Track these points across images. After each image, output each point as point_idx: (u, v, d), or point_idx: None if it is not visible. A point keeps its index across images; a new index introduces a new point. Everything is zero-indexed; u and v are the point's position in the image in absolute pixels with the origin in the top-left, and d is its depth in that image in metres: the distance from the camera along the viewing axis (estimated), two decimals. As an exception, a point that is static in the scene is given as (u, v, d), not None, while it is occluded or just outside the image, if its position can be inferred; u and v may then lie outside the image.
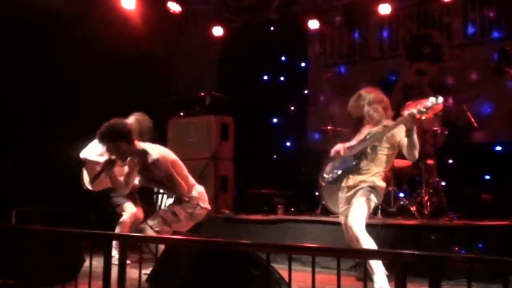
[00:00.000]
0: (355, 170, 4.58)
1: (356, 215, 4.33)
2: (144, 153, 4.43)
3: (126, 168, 4.54)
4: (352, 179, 4.57)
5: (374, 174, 4.52)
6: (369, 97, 4.74)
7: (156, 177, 4.48)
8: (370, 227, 5.74)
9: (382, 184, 4.54)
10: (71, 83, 7.53)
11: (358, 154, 4.62)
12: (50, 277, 3.48)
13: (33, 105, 7.31)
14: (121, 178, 4.54)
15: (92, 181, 4.66)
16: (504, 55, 7.34)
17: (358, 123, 4.91)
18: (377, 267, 4.07)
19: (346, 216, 4.46)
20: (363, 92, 4.81)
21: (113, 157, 4.42)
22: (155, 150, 4.48)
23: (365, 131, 4.74)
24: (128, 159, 4.50)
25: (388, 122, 4.57)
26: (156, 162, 4.37)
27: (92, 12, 7.50)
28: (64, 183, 6.54)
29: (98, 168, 4.56)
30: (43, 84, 7.42)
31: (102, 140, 4.38)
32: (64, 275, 3.55)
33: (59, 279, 3.45)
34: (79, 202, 6.32)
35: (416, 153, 4.30)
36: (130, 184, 4.56)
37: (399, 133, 4.43)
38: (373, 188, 4.44)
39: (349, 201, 4.54)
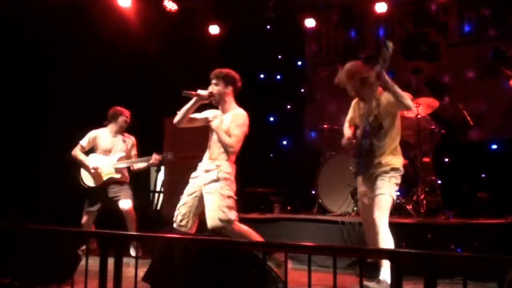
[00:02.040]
0: (370, 151, 4.53)
1: (381, 208, 4.35)
2: (235, 107, 4.74)
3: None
4: (368, 161, 4.53)
5: (389, 152, 4.49)
6: (342, 74, 4.87)
7: (227, 129, 4.61)
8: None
9: (399, 161, 4.52)
10: (67, 81, 7.51)
11: (366, 134, 4.59)
12: (46, 276, 3.47)
13: (30, 103, 7.29)
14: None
15: (182, 115, 4.70)
16: (499, 54, 7.36)
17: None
18: (385, 261, 4.09)
19: (369, 199, 4.50)
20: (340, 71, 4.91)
21: (206, 92, 4.64)
22: (244, 113, 4.72)
23: (358, 107, 4.74)
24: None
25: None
26: (242, 113, 4.66)
27: (88, 10, 7.48)
28: (61, 181, 6.53)
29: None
30: (39, 82, 7.40)
31: (218, 76, 4.67)
32: (60, 274, 3.54)
33: (55, 278, 3.44)
34: (76, 201, 6.30)
35: (405, 101, 4.40)
36: (183, 117, 4.70)
37: (388, 97, 4.48)
38: (391, 171, 4.44)
39: (370, 182, 4.54)
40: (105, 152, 6.16)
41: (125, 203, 6.03)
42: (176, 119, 4.76)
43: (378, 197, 4.41)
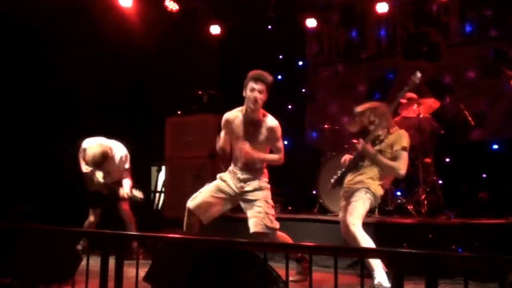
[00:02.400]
0: (356, 169, 4.74)
1: (354, 213, 4.45)
2: (264, 114, 4.65)
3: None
4: (352, 177, 4.73)
5: (372, 177, 4.63)
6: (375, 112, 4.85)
7: (261, 139, 4.56)
8: (366, 226, 5.78)
9: (379, 190, 4.69)
10: (68, 81, 7.51)
11: (362, 155, 4.75)
12: (47, 276, 3.47)
13: (30, 104, 7.29)
14: None
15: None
16: (501, 55, 7.34)
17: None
18: (376, 264, 4.12)
19: (345, 213, 4.59)
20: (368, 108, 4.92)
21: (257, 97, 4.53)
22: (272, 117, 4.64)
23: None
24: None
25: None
26: (277, 125, 4.61)
27: (89, 10, 7.48)
28: (61, 181, 6.54)
29: None
30: (40, 82, 7.40)
31: (268, 84, 4.61)
32: (61, 274, 3.55)
33: (56, 278, 3.45)
34: (77, 200, 6.30)
35: (395, 172, 4.70)
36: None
37: (397, 143, 4.68)
38: (369, 190, 4.60)
39: (347, 198, 4.68)
40: None
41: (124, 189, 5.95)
42: (218, 148, 4.76)
43: (351, 204, 4.60)
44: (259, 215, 4.44)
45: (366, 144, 4.66)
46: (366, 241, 4.29)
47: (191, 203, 4.50)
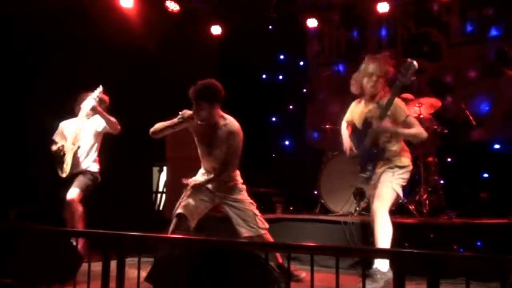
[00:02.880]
0: (378, 155, 4.54)
1: (380, 198, 4.39)
2: (224, 118, 4.46)
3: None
4: (379, 165, 4.55)
5: (395, 153, 4.51)
6: (370, 67, 4.64)
7: (221, 146, 4.44)
8: (368, 226, 5.78)
9: (404, 162, 4.53)
10: (67, 82, 7.51)
11: (370, 140, 4.57)
12: (48, 277, 3.47)
13: (30, 104, 7.29)
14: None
15: (160, 130, 4.58)
16: (502, 55, 7.34)
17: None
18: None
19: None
20: (365, 61, 4.71)
21: (190, 115, 4.38)
22: (235, 121, 4.51)
23: (359, 108, 4.71)
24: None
25: (383, 101, 4.53)
26: (237, 130, 4.43)
27: (89, 11, 7.48)
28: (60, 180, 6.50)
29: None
30: (38, 83, 7.40)
31: (200, 97, 4.32)
32: (62, 274, 3.55)
33: (58, 278, 3.45)
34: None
35: (418, 138, 4.57)
36: (159, 134, 4.59)
37: (398, 115, 4.48)
38: (395, 168, 4.47)
39: (375, 186, 4.55)
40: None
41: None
42: (153, 131, 4.62)
43: (378, 188, 4.46)
44: (249, 218, 4.42)
45: (382, 123, 4.41)
46: (383, 230, 4.25)
47: (182, 208, 4.46)
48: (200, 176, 4.61)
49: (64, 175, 5.62)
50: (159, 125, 4.58)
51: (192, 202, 4.47)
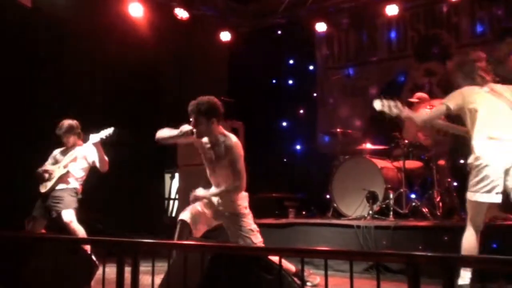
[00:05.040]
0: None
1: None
2: (224, 135, 4.46)
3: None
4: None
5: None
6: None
7: (223, 163, 4.43)
8: (382, 229, 5.75)
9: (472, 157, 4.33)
10: (79, 90, 7.57)
11: None
12: (62, 285, 3.49)
13: (35, 111, 7.33)
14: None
15: (163, 139, 4.64)
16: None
17: None
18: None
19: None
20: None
21: (189, 131, 4.42)
22: (234, 137, 4.50)
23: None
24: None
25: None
26: (234, 144, 4.38)
27: (100, 20, 7.54)
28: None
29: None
30: (45, 88, 7.45)
31: (198, 112, 4.37)
32: (77, 282, 3.56)
33: (72, 287, 3.46)
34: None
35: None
36: (162, 141, 4.63)
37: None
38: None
39: None
40: None
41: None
42: (158, 136, 4.66)
43: None
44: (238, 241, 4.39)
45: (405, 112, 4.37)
46: None
47: (184, 215, 4.45)
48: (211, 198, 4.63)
49: (43, 191, 5.72)
50: (163, 134, 4.63)
51: (198, 211, 4.48)
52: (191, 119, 4.46)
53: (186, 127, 4.48)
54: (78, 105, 6.96)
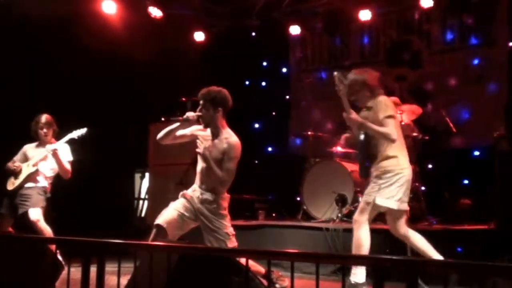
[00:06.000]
0: (372, 157, 4.57)
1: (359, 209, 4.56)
2: (227, 132, 4.49)
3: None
4: (373, 168, 4.57)
5: (383, 158, 4.51)
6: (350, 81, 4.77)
7: (218, 158, 4.40)
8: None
9: (392, 166, 4.49)
10: (49, 88, 7.45)
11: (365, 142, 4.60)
12: (28, 285, 3.44)
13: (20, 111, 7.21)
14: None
15: (166, 134, 4.59)
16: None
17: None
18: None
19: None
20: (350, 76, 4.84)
21: (195, 116, 4.44)
22: (236, 138, 4.52)
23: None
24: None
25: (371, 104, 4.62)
26: (236, 144, 4.42)
27: (72, 17, 7.44)
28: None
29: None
30: (18, 89, 7.34)
31: (207, 98, 4.42)
32: (42, 283, 3.51)
33: (37, 287, 3.41)
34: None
35: (387, 138, 4.45)
36: (166, 136, 4.60)
37: (379, 111, 4.50)
38: (382, 174, 4.48)
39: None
40: None
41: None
42: (159, 136, 4.64)
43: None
44: (214, 243, 4.37)
45: (348, 114, 4.51)
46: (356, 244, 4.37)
47: (161, 219, 4.40)
48: (190, 192, 4.57)
49: (10, 188, 5.66)
50: (163, 131, 4.61)
51: (174, 216, 4.42)
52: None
53: (191, 113, 4.50)
54: (48, 104, 6.85)
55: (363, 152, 4.62)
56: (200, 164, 4.55)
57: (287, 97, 9.89)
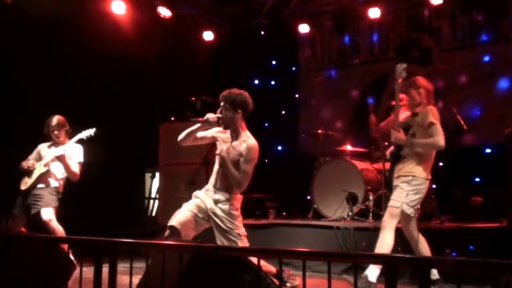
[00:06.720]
0: (400, 158, 4.73)
1: (389, 207, 4.67)
2: (246, 134, 4.52)
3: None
4: (397, 168, 4.73)
5: (414, 162, 4.62)
6: (419, 82, 5.04)
7: (235, 159, 4.43)
8: (361, 231, 5.79)
9: (422, 173, 4.63)
10: (60, 89, 7.49)
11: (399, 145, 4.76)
12: (40, 285, 3.45)
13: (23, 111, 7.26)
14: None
15: (186, 135, 4.61)
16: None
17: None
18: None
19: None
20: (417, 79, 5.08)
21: (215, 118, 4.45)
22: (255, 141, 4.54)
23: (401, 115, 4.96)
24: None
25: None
26: (253, 146, 4.45)
27: (82, 18, 7.48)
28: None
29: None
30: (29, 90, 7.38)
31: (228, 100, 4.46)
32: (54, 282, 3.52)
33: (50, 286, 3.42)
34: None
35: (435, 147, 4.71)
36: (187, 138, 4.62)
37: (424, 119, 4.70)
38: (411, 180, 4.59)
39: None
40: None
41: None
42: (180, 137, 4.66)
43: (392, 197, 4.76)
44: (225, 242, 4.36)
45: (394, 135, 4.70)
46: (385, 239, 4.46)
47: (174, 221, 4.39)
48: (203, 192, 4.57)
49: (23, 188, 5.68)
50: (184, 133, 4.62)
51: (188, 217, 4.41)
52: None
53: (211, 115, 4.50)
54: (59, 105, 6.89)
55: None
56: (217, 165, 4.56)
57: (297, 96, 9.87)
